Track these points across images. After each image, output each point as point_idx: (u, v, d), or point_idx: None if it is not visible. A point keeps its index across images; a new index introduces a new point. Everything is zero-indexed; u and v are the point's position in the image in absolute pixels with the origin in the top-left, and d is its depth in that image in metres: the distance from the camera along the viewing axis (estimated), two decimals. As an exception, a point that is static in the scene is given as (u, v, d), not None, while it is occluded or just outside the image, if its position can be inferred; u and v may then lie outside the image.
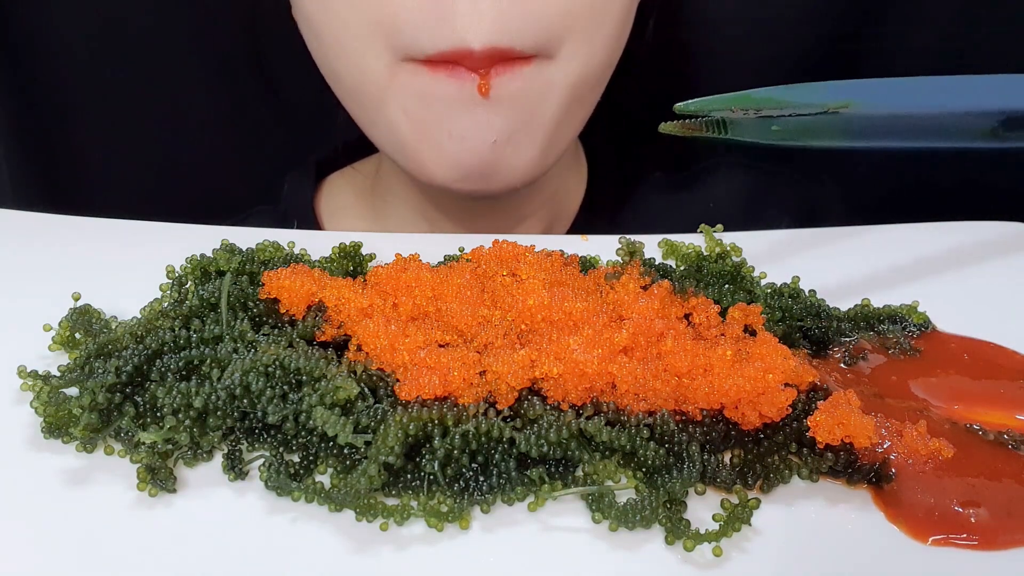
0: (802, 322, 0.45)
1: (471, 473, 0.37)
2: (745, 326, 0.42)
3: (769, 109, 0.42)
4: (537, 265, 0.43)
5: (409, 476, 0.37)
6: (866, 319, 0.46)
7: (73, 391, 0.39)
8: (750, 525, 0.35)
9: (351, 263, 0.47)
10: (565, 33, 0.50)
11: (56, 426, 0.38)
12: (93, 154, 0.78)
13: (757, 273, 0.48)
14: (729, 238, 0.50)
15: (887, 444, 0.37)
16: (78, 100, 0.75)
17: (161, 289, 0.45)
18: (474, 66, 0.48)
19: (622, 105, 0.61)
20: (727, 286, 0.46)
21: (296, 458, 0.38)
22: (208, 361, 0.39)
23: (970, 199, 0.59)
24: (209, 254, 0.45)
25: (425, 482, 0.37)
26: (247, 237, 0.48)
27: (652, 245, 0.50)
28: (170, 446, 0.38)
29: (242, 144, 0.78)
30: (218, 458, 0.38)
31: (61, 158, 0.77)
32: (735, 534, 0.35)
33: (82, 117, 0.76)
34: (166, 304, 0.44)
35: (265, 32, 0.71)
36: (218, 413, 0.38)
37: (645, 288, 0.43)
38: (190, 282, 0.45)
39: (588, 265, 0.47)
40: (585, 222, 0.67)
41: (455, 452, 0.37)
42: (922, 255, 0.51)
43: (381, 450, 0.36)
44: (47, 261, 0.49)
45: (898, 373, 0.42)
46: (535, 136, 0.52)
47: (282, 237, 0.49)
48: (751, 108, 0.42)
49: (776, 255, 0.50)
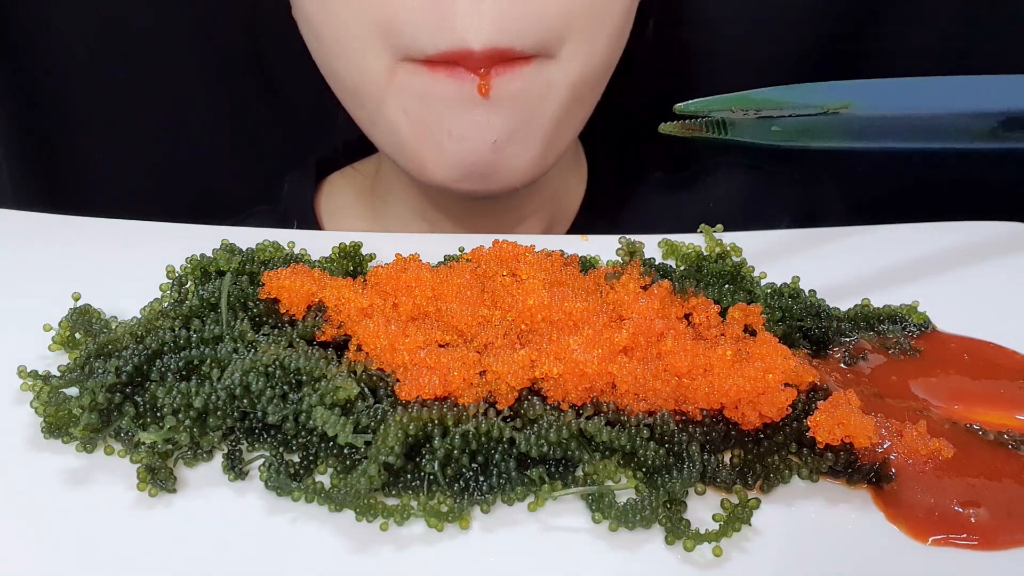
0: (802, 322, 0.45)
1: (471, 473, 0.37)
2: (745, 326, 0.42)
3: (769, 109, 0.42)
4: (537, 265, 0.43)
5: (409, 476, 0.37)
6: (866, 319, 0.46)
7: (73, 391, 0.39)
8: (750, 525, 0.35)
9: (351, 263, 0.47)
10: (565, 33, 0.50)
11: (56, 426, 0.38)
12: (93, 154, 0.77)
13: (757, 273, 0.48)
14: (729, 238, 0.50)
15: (887, 444, 0.37)
16: (78, 100, 0.75)
17: (161, 289, 0.45)
18: (474, 66, 0.48)
19: (622, 105, 0.61)
20: (727, 286, 0.46)
21: (296, 458, 0.38)
22: (208, 361, 0.39)
23: (970, 199, 0.59)
24: (209, 254, 0.45)
25: (425, 482, 0.37)
26: (247, 237, 0.48)
27: (652, 245, 0.50)
28: (170, 446, 0.38)
29: (242, 144, 0.78)
30: (218, 458, 0.38)
31: (61, 158, 0.77)
32: (735, 534, 0.35)
33: (82, 117, 0.76)
34: (166, 304, 0.44)
35: (265, 32, 0.71)
36: (218, 413, 0.38)
37: (645, 288, 0.43)
38: (190, 282, 0.45)
39: (588, 265, 0.47)
40: (585, 222, 0.67)
41: (455, 452, 0.37)
42: (922, 255, 0.51)
43: (381, 450, 0.36)
44: (47, 261, 0.49)
45: (898, 373, 0.42)
46: (535, 136, 0.52)
47: (282, 237, 0.49)
48: (751, 108, 0.42)
49: (776, 255, 0.50)
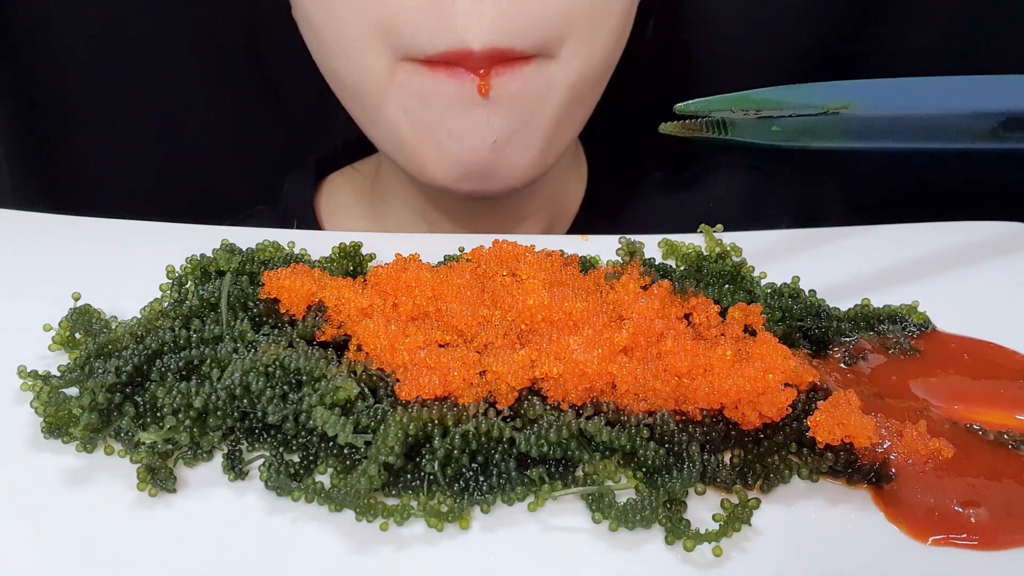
0: (802, 322, 0.45)
1: (471, 473, 0.37)
2: (745, 326, 0.42)
3: (769, 109, 0.42)
4: (537, 265, 0.43)
5: (409, 476, 0.37)
6: (866, 319, 0.46)
7: (73, 391, 0.39)
8: (750, 525, 0.35)
9: (351, 263, 0.47)
10: (565, 33, 0.50)
11: (56, 426, 0.38)
12: (93, 154, 0.77)
13: (757, 273, 0.48)
14: (729, 238, 0.50)
15: (887, 444, 0.37)
16: (78, 100, 0.75)
17: (161, 289, 0.45)
18: (474, 66, 0.48)
19: (622, 105, 0.61)
20: (727, 286, 0.46)
21: (296, 458, 0.38)
22: (208, 361, 0.39)
23: (970, 199, 0.59)
24: (209, 254, 0.45)
25: (425, 482, 0.37)
26: (247, 237, 0.48)
27: (652, 245, 0.50)
28: (170, 446, 0.38)
29: (242, 144, 0.78)
30: (218, 458, 0.38)
31: (61, 158, 0.77)
32: (735, 534, 0.35)
33: (82, 117, 0.76)
34: (166, 304, 0.44)
35: (265, 32, 0.71)
36: (218, 413, 0.38)
37: (645, 288, 0.43)
38: (190, 282, 0.45)
39: (588, 265, 0.47)
40: (585, 222, 0.67)
41: (455, 452, 0.37)
42: (922, 255, 0.51)
43: (381, 450, 0.36)
44: (47, 261, 0.49)
45: (898, 373, 0.42)
46: (535, 136, 0.52)
47: (282, 237, 0.49)
48: (751, 108, 0.42)
49: (776, 255, 0.50)
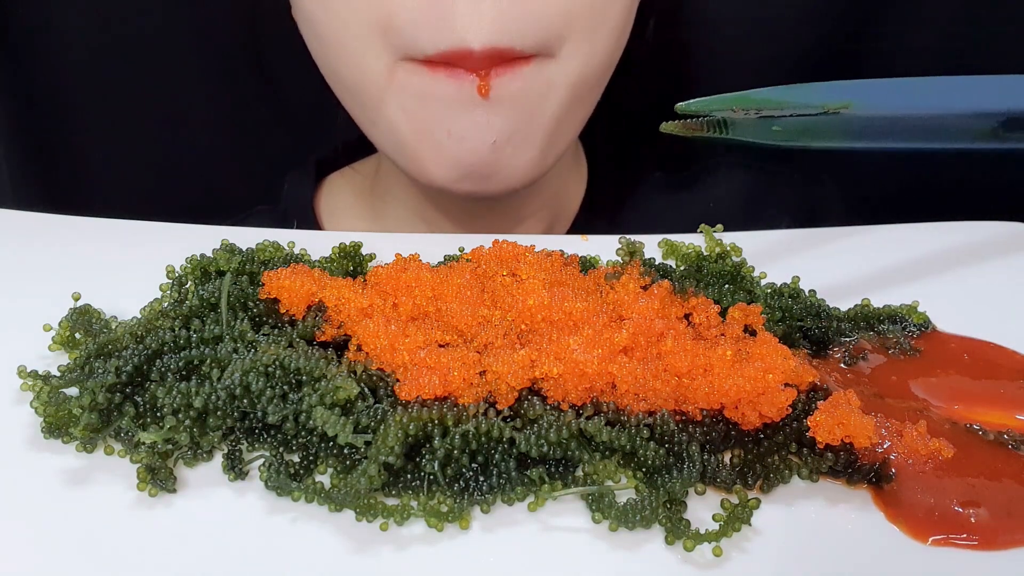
0: (802, 322, 0.45)
1: (471, 473, 0.37)
2: (745, 326, 0.42)
3: (769, 109, 0.42)
4: (537, 265, 0.43)
5: (409, 476, 0.37)
6: (866, 319, 0.46)
7: (73, 391, 0.39)
8: (750, 525, 0.35)
9: (351, 263, 0.47)
10: (565, 33, 0.50)
11: (56, 426, 0.38)
12: (93, 154, 0.78)
13: (757, 273, 0.48)
14: (729, 238, 0.50)
15: (887, 444, 0.37)
16: (78, 100, 0.75)
17: (161, 289, 0.45)
18: (474, 66, 0.48)
19: (622, 105, 0.61)
20: (727, 286, 0.46)
21: (296, 458, 0.38)
22: (208, 361, 0.39)
23: (970, 199, 0.59)
24: (209, 254, 0.45)
25: (425, 482, 0.37)
26: (247, 237, 0.48)
27: (652, 245, 0.50)
28: (170, 446, 0.38)
29: (242, 144, 0.78)
30: (218, 458, 0.38)
31: (61, 158, 0.77)
32: (735, 534, 0.35)
33: (82, 117, 0.76)
34: (166, 304, 0.44)
35: (265, 32, 0.71)
36: (218, 413, 0.38)
37: (645, 288, 0.43)
38: (190, 282, 0.45)
39: (588, 265, 0.47)
40: (585, 222, 0.67)
41: (455, 452, 0.37)
42: (922, 255, 0.51)
43: (381, 450, 0.36)
44: (47, 261, 0.49)
45: (898, 373, 0.42)
46: (535, 136, 0.52)
47: (282, 237, 0.49)
48: (751, 108, 0.42)
49: (776, 255, 0.50)
